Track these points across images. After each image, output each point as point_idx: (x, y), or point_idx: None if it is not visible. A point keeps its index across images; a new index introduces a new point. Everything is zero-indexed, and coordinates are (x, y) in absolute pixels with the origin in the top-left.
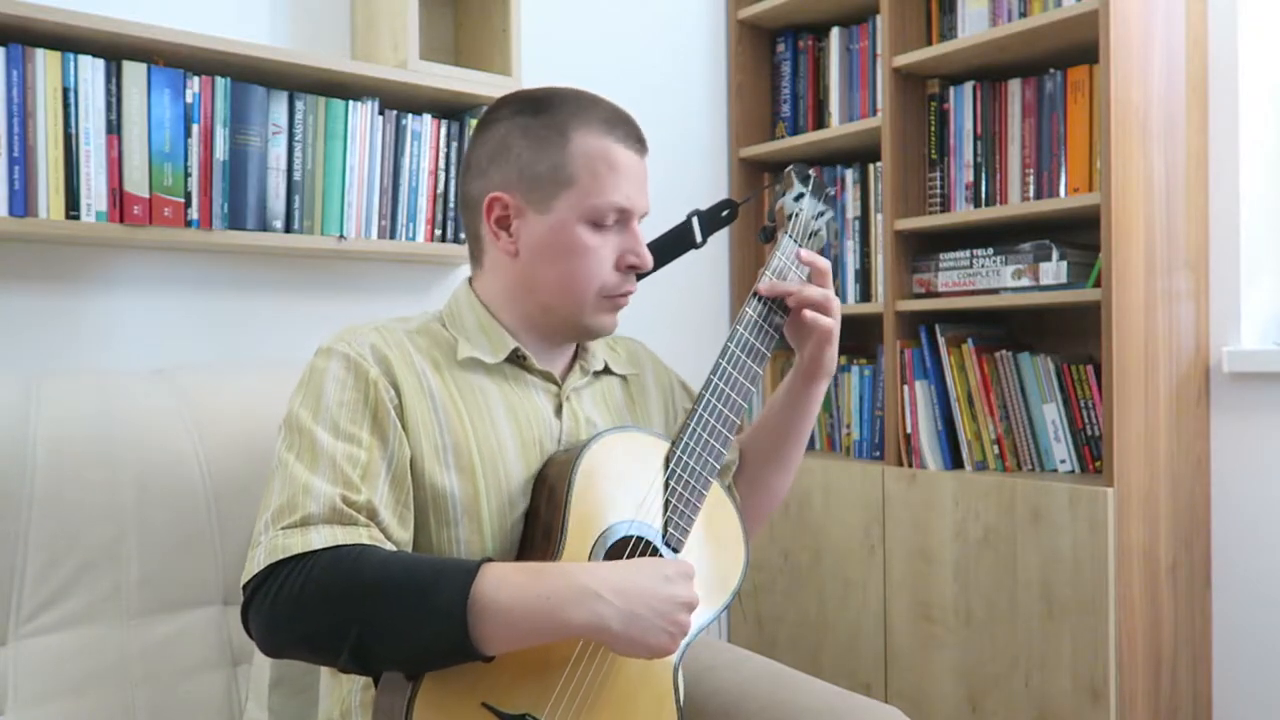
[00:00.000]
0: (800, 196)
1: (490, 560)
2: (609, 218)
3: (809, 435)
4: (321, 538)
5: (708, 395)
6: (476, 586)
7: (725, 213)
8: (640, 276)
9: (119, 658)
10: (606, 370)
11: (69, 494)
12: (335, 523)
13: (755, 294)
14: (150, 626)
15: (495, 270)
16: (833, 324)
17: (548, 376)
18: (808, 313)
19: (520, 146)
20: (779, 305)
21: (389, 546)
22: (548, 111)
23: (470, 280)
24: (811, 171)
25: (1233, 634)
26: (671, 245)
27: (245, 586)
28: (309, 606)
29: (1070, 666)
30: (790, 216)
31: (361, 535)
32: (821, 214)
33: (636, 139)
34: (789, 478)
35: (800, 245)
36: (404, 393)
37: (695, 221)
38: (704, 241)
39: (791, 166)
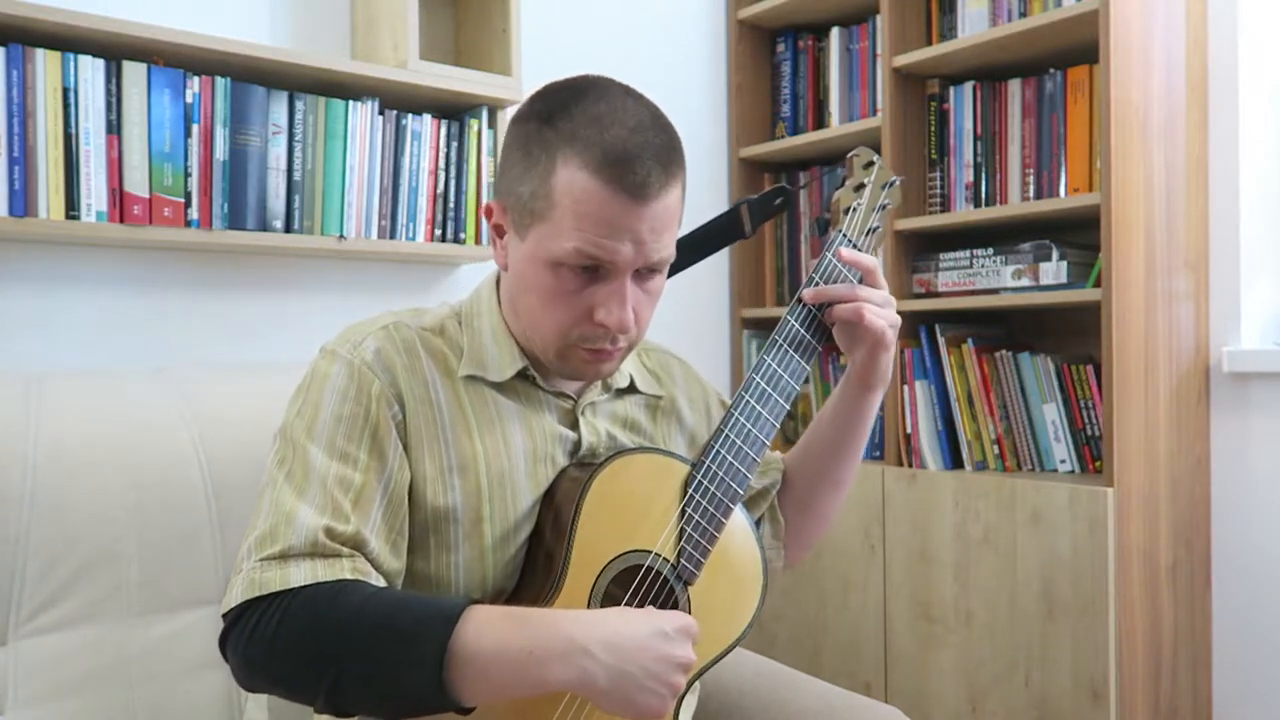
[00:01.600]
0: (861, 187)
1: (476, 603)
2: (577, 264)
3: (863, 451)
4: (301, 574)
5: (736, 414)
6: (456, 636)
7: (778, 201)
8: (681, 268)
9: (119, 658)
10: (632, 388)
11: (69, 494)
12: (317, 556)
13: (799, 300)
14: (150, 626)
15: (504, 274)
16: (887, 329)
17: (560, 395)
18: (868, 316)
19: (516, 159)
20: (825, 310)
21: (375, 578)
22: (553, 125)
23: (498, 277)
24: (877, 158)
25: (1233, 634)
26: (717, 235)
27: (224, 616)
28: (283, 649)
29: (1070, 666)
30: (848, 210)
31: (344, 569)
32: (884, 206)
33: (637, 184)
34: (840, 499)
35: (855, 241)
36: (409, 407)
37: (745, 210)
38: (753, 232)
39: (856, 151)
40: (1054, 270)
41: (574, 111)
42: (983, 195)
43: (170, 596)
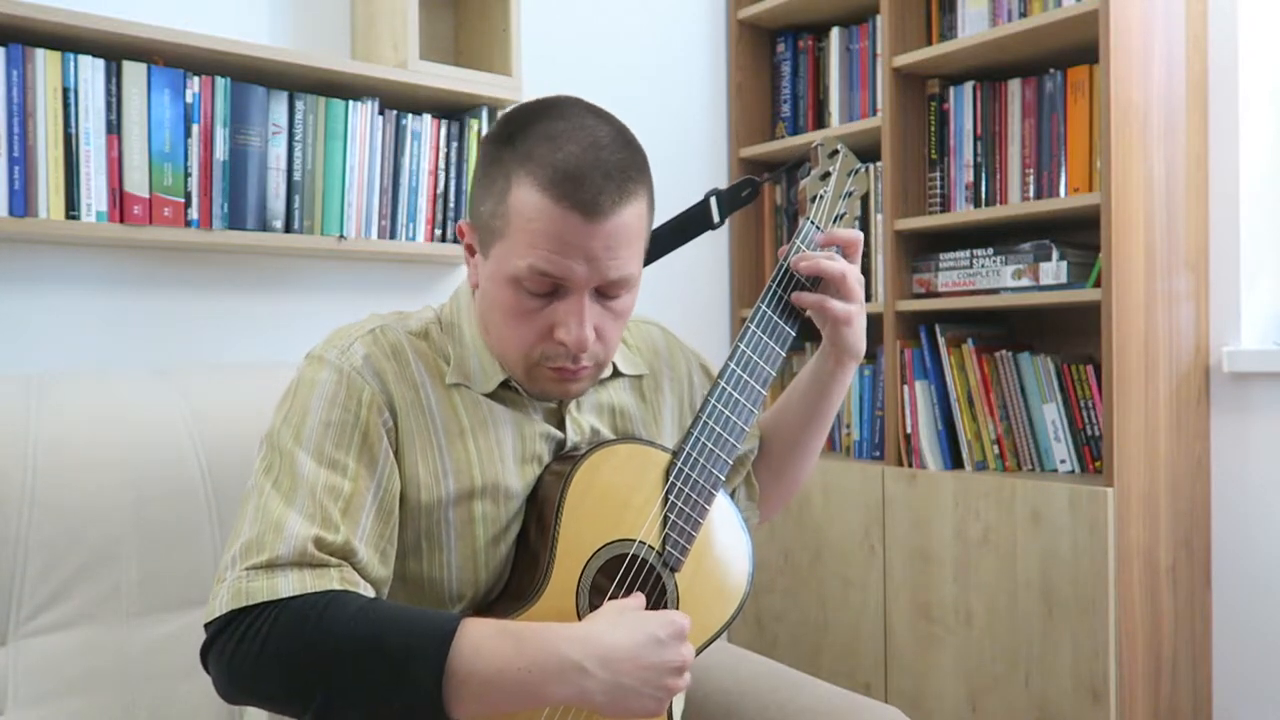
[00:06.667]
0: (826, 175)
1: (467, 618)
2: (532, 283)
3: (832, 421)
4: (289, 584)
5: (714, 396)
6: (453, 656)
7: (746, 192)
8: (650, 260)
9: (119, 658)
10: (615, 373)
11: (69, 494)
12: (305, 566)
13: (776, 274)
14: (150, 626)
15: (477, 292)
16: (854, 313)
17: (544, 396)
18: (830, 305)
19: (479, 179)
20: (799, 283)
21: (363, 587)
22: (511, 145)
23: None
24: (840, 146)
25: (1233, 634)
26: (687, 225)
27: (206, 626)
28: (270, 665)
29: (1070, 666)
30: (814, 199)
31: (332, 579)
32: (850, 194)
33: (588, 200)
34: (811, 465)
35: (822, 228)
36: (400, 413)
37: (714, 201)
38: (722, 222)
39: (819, 141)
40: (1054, 270)
41: (531, 131)
42: (983, 195)
43: (170, 596)
